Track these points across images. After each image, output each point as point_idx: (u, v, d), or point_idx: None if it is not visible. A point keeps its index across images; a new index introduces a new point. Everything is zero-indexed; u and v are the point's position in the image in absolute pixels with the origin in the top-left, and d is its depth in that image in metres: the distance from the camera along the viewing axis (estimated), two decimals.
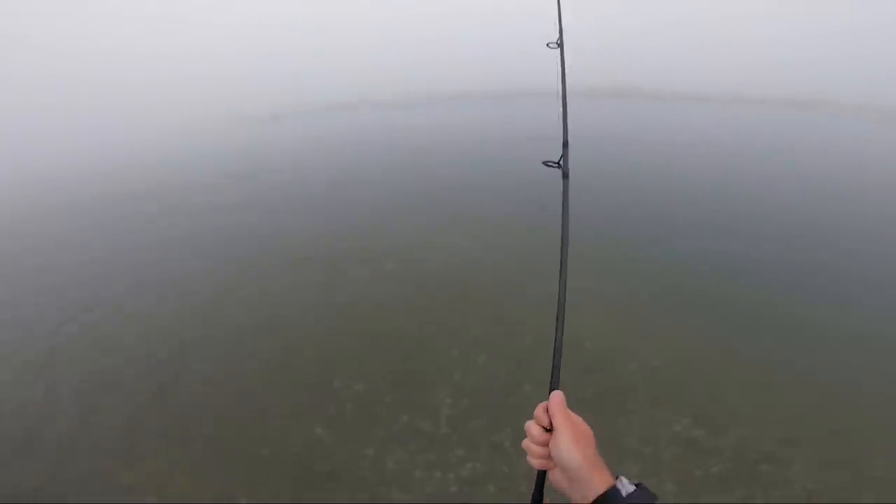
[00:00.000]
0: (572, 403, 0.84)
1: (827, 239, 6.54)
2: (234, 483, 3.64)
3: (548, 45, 1.83)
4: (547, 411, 0.84)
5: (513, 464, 3.58)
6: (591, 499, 0.74)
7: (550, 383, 0.91)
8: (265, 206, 8.71)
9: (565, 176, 1.14)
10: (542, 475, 0.87)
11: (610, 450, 3.49)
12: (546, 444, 0.83)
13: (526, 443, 0.87)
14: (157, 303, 5.97)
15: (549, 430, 0.84)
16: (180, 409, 4.35)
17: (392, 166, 10.28)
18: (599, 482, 0.75)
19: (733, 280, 5.70)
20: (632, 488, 0.74)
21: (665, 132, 11.54)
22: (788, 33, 23.50)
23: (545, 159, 1.18)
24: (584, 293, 5.41)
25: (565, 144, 1.21)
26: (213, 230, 7.87)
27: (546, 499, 0.88)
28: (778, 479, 3.40)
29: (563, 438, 0.79)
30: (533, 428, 0.86)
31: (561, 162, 1.16)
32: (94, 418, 4.31)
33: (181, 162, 11.69)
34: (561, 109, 1.30)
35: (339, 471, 3.67)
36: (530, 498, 0.88)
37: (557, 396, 0.85)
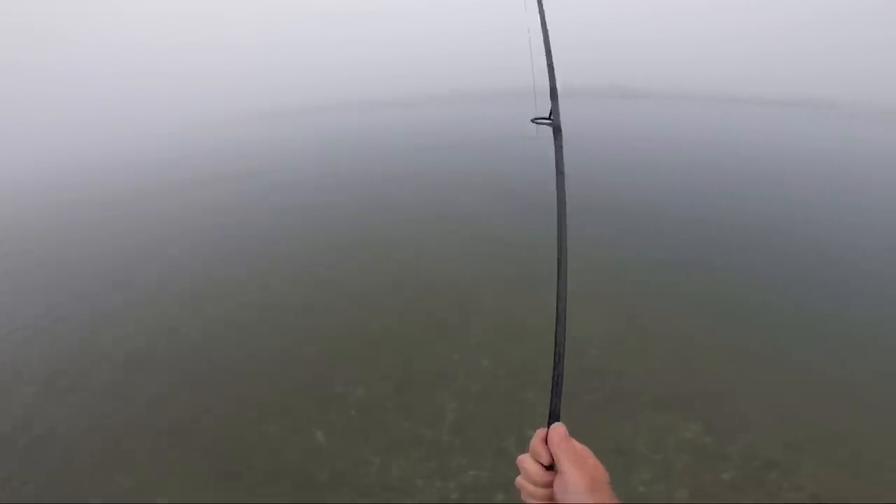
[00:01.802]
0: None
1: (830, 241, 6.49)
2: (233, 487, 3.59)
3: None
4: (546, 444, 0.75)
5: (518, 470, 3.50)
6: None
7: (549, 413, 0.78)
8: (260, 207, 8.69)
9: (557, 131, 0.96)
10: None
11: (621, 456, 3.46)
12: (547, 485, 0.74)
13: (520, 481, 0.77)
14: (154, 304, 5.94)
15: (548, 467, 0.75)
16: (179, 412, 4.30)
17: (392, 168, 10.26)
18: None
19: (735, 282, 5.65)
20: None
21: (659, 131, 11.51)
22: (786, 23, 23.18)
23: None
24: (588, 295, 5.36)
25: (553, 95, 1.01)
26: (209, 230, 7.86)
27: None
28: (786, 485, 3.35)
29: (575, 482, 0.69)
30: (530, 465, 0.76)
31: (551, 116, 0.99)
32: (94, 421, 4.27)
33: (180, 160, 11.71)
34: (545, 59, 1.05)
35: (339, 477, 3.62)
36: None
37: (559, 431, 0.74)
